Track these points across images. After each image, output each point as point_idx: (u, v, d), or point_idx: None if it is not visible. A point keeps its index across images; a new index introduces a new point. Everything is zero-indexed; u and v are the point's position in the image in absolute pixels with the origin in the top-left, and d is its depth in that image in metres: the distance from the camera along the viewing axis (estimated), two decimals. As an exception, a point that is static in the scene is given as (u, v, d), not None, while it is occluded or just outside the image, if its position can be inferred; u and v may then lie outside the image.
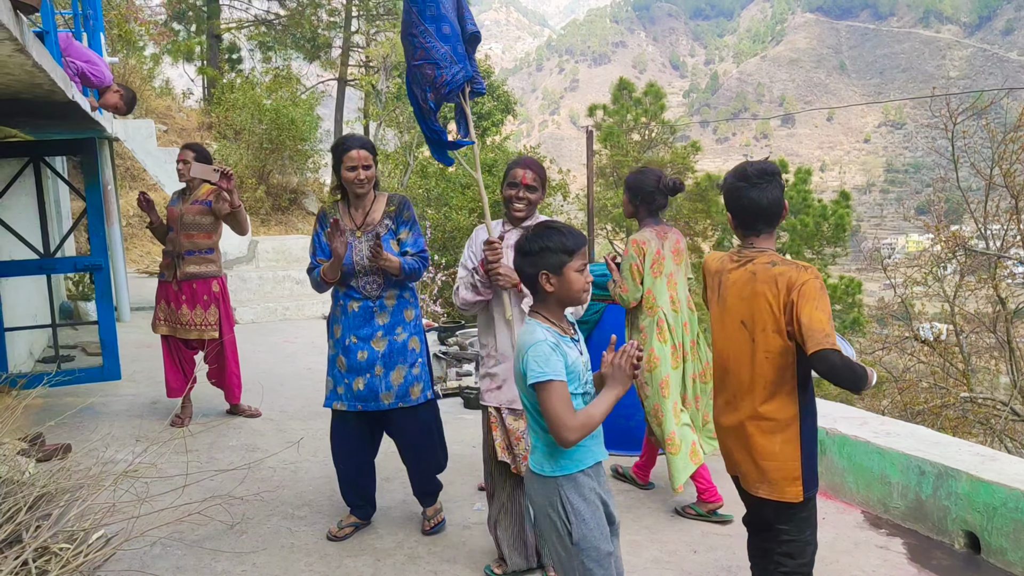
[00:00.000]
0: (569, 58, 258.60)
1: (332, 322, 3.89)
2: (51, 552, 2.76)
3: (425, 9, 3.45)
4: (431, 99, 3.60)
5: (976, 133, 13.86)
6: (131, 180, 15.69)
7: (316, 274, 3.82)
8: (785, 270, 2.56)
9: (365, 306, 3.77)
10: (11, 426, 4.12)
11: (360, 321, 3.77)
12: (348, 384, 3.78)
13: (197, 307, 5.63)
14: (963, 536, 3.73)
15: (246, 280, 11.00)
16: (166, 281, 5.68)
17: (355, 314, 3.78)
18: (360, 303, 3.78)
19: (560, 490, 2.41)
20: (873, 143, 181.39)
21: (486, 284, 3.36)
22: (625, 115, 24.43)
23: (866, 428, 4.39)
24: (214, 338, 5.70)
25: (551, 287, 2.42)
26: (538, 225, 2.49)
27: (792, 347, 2.56)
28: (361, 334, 3.77)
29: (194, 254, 5.61)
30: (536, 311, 2.48)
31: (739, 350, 2.68)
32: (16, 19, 3.36)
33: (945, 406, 11.62)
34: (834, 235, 20.96)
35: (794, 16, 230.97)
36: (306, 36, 24.11)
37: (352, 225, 3.80)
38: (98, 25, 8.83)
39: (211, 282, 5.68)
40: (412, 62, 3.57)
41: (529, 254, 2.44)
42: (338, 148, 3.75)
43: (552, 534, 2.44)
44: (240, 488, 4.22)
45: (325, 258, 3.79)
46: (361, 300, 3.78)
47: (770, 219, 2.66)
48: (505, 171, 3.52)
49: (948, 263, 13.82)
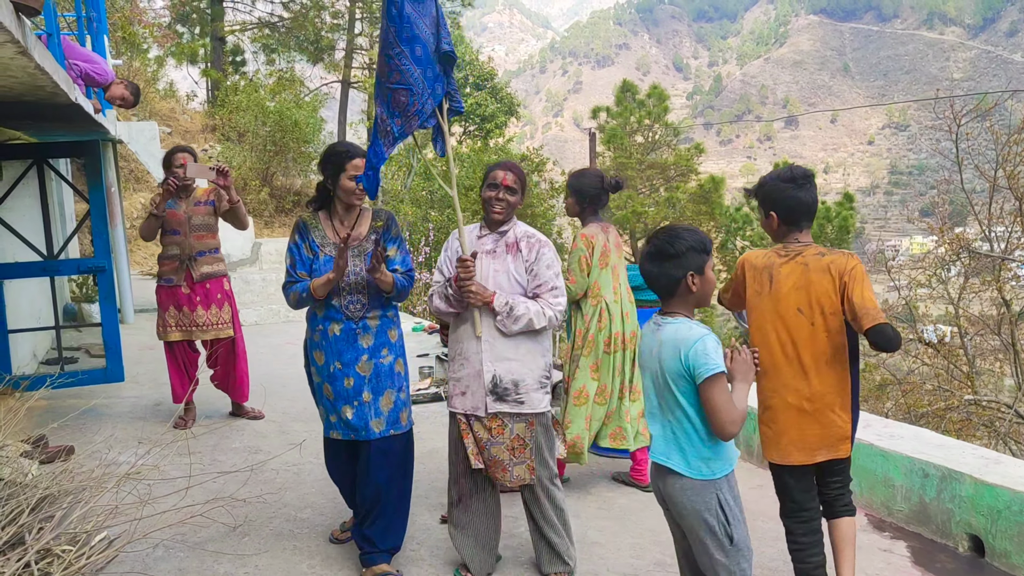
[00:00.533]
0: (572, 60, 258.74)
1: (311, 348, 3.61)
2: (54, 554, 2.76)
3: (401, 30, 3.29)
4: (396, 126, 3.40)
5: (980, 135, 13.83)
6: (135, 182, 15.72)
7: (300, 290, 3.45)
8: (835, 258, 2.93)
9: (347, 328, 3.49)
10: (14, 428, 4.12)
11: (343, 345, 3.49)
12: (338, 413, 3.52)
13: (212, 307, 5.66)
14: (967, 539, 3.72)
15: (249, 282, 11.01)
16: (173, 286, 5.61)
17: (336, 338, 3.49)
18: (342, 325, 3.49)
19: (719, 492, 2.43)
20: (877, 145, 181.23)
21: (458, 299, 3.33)
22: (628, 117, 24.45)
23: (870, 431, 4.38)
24: (230, 336, 5.75)
25: (695, 287, 2.45)
26: (666, 229, 2.50)
27: (845, 326, 2.92)
28: (345, 359, 3.49)
29: (205, 254, 5.64)
30: (675, 311, 2.50)
31: (798, 335, 2.96)
32: (18, 22, 3.37)
33: (949, 409, 11.59)
34: (838, 237, 20.94)
35: (797, 18, 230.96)
36: (309, 38, 24.16)
37: (337, 238, 3.51)
38: (102, 28, 8.86)
39: (222, 280, 5.75)
40: (386, 83, 3.38)
41: (674, 256, 2.43)
42: (341, 155, 3.49)
43: (710, 539, 2.43)
44: (243, 490, 4.21)
45: (306, 272, 3.49)
46: (343, 322, 3.49)
47: (811, 215, 3.04)
48: (485, 173, 3.50)
49: (952, 265, 13.80)
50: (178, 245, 5.59)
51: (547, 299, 3.34)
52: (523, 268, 3.38)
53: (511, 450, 3.34)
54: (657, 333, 2.51)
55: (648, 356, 2.54)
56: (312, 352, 3.60)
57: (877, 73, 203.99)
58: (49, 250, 6.77)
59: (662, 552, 3.78)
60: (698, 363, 2.35)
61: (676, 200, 22.93)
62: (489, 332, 3.33)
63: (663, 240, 2.46)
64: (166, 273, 5.63)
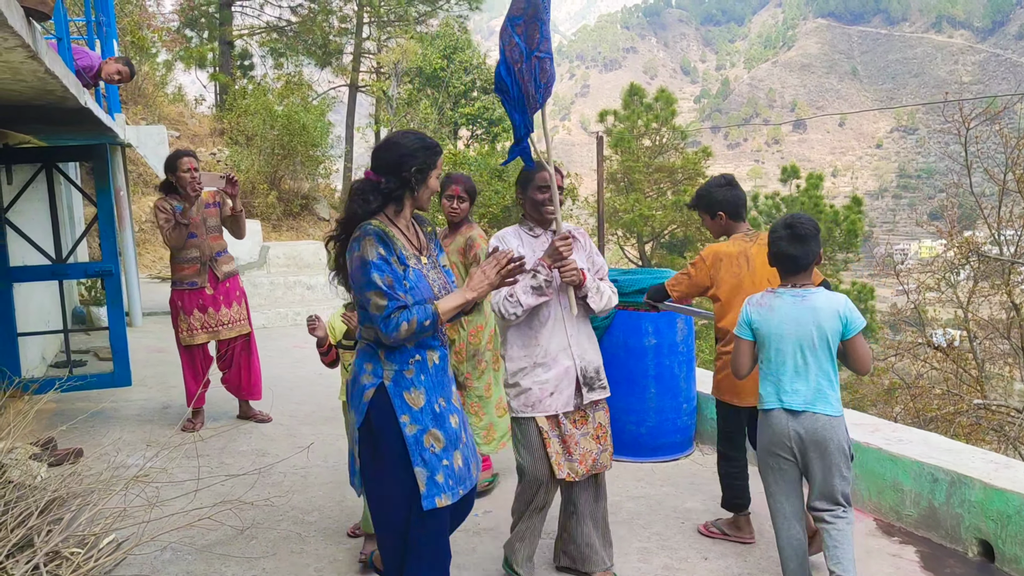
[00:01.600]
0: (580, 64, 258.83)
1: (400, 390, 2.69)
2: (62, 556, 2.77)
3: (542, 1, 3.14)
4: (541, 95, 3.24)
5: (989, 138, 13.80)
6: (143, 186, 15.78)
7: (423, 317, 2.62)
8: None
9: (443, 355, 2.84)
10: (24, 430, 4.14)
11: (442, 375, 2.82)
12: (449, 466, 2.73)
13: (233, 304, 5.80)
14: (976, 544, 3.70)
15: (257, 285, 11.04)
16: (197, 288, 5.64)
17: (437, 367, 2.79)
18: (439, 352, 2.81)
19: (845, 424, 3.08)
20: (885, 148, 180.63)
21: (548, 282, 3.26)
22: (636, 121, 24.44)
23: (878, 435, 4.36)
24: (247, 332, 5.89)
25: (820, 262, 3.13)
26: (792, 217, 3.10)
27: None
28: (447, 393, 2.82)
29: (222, 255, 5.78)
30: (806, 283, 3.10)
31: None
32: (29, 27, 3.38)
33: (958, 413, 11.55)
34: (846, 241, 20.91)
35: (805, 21, 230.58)
36: (317, 42, 24.23)
37: (414, 249, 2.79)
38: (111, 32, 8.90)
39: (238, 278, 5.92)
40: (535, 52, 3.16)
41: (813, 236, 3.06)
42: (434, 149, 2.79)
43: (843, 460, 3.05)
44: (250, 493, 4.22)
45: (412, 297, 2.67)
46: (439, 348, 2.81)
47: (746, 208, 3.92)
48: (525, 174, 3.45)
49: (961, 269, 13.75)
50: (197, 248, 5.63)
51: (608, 282, 3.50)
52: (584, 256, 3.46)
53: (596, 439, 3.41)
54: (804, 303, 3.05)
55: (794, 323, 3.05)
56: (402, 395, 2.70)
57: (885, 76, 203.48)
58: (58, 253, 6.80)
59: (670, 556, 3.78)
60: (854, 318, 3.01)
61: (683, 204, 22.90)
62: (570, 322, 3.36)
63: (800, 225, 3.06)
64: (188, 276, 5.64)
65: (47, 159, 6.79)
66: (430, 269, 2.80)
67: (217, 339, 5.76)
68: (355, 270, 2.64)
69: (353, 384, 2.78)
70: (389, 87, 24.67)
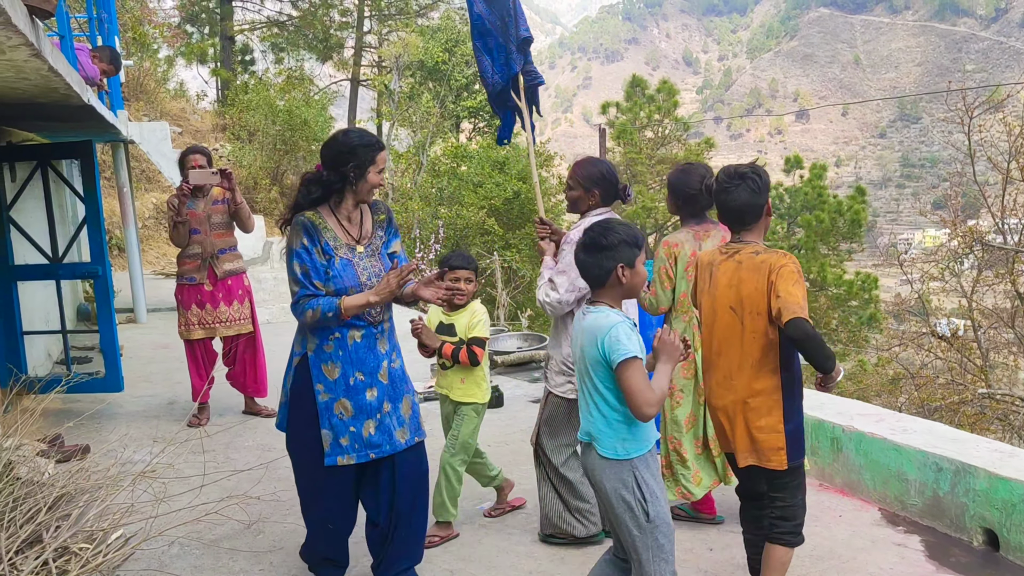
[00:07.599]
0: (582, 56, 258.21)
1: (319, 362, 3.13)
2: (71, 552, 2.79)
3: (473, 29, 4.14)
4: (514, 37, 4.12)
5: (993, 127, 13.75)
6: (146, 183, 15.80)
7: (326, 309, 3.01)
8: (767, 257, 2.83)
9: (368, 333, 3.15)
10: (30, 428, 4.15)
11: (364, 352, 3.15)
12: (356, 432, 3.13)
13: (234, 303, 5.76)
14: (981, 533, 3.70)
15: (261, 281, 11.05)
16: (196, 284, 5.67)
17: (358, 345, 3.13)
18: (363, 331, 3.14)
19: (635, 471, 2.56)
20: (888, 138, 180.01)
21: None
22: (638, 112, 24.37)
23: (883, 425, 4.37)
24: (249, 332, 5.85)
25: (625, 279, 2.57)
26: (599, 224, 2.62)
27: (775, 328, 2.81)
28: (367, 368, 3.15)
29: (226, 252, 5.74)
30: (601, 301, 2.62)
31: (730, 333, 2.91)
32: (32, 25, 3.39)
33: (963, 402, 11.55)
34: (850, 231, 20.85)
35: (808, 11, 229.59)
36: (318, 37, 24.22)
37: (349, 239, 3.14)
38: (112, 28, 8.90)
39: (242, 277, 5.85)
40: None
41: (607, 248, 2.56)
42: (373, 147, 3.08)
43: (627, 515, 2.56)
44: (257, 488, 4.24)
45: (322, 281, 3.05)
46: (364, 327, 3.14)
47: (744, 219, 2.94)
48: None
49: (965, 258, 13.73)
50: (199, 244, 5.65)
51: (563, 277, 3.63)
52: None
53: None
54: (581, 321, 2.65)
55: (574, 344, 2.69)
56: (319, 366, 3.14)
57: (888, 65, 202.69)
58: (54, 252, 6.77)
59: (676, 547, 3.78)
60: (612, 349, 2.48)
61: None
62: None
63: (597, 232, 2.59)
64: (188, 272, 5.68)
65: (41, 157, 6.75)
66: (365, 258, 3.15)
67: (213, 336, 5.76)
68: (285, 256, 3.11)
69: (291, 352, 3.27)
70: (391, 81, 24.66)
